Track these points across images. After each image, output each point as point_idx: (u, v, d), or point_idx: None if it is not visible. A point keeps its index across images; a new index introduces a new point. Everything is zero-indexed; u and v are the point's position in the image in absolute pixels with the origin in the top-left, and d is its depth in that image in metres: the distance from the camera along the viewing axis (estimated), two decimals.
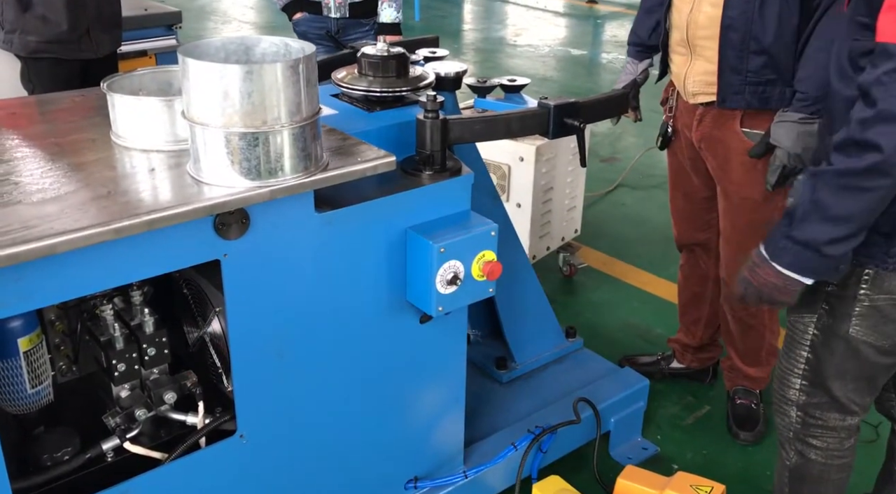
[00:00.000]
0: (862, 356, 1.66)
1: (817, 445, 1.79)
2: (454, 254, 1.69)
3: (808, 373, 1.75)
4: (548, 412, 2.28)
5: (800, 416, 1.79)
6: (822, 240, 1.49)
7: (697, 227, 2.55)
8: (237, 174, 1.42)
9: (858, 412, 1.76)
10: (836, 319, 1.65)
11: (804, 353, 1.74)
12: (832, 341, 1.68)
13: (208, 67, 1.35)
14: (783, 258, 1.54)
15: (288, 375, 1.65)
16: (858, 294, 1.61)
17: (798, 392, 1.78)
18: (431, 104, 1.73)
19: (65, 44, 2.75)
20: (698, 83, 2.21)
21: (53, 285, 1.30)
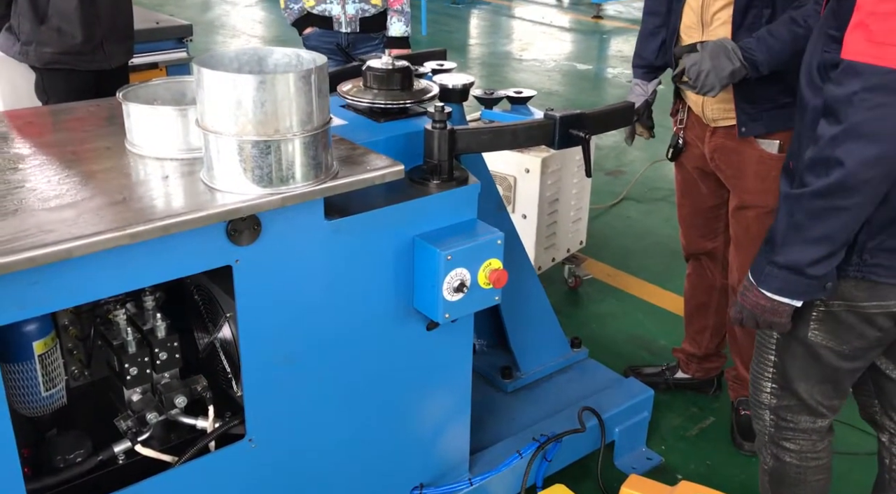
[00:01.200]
0: (823, 360, 1.68)
1: (791, 448, 1.82)
2: (461, 262, 1.72)
3: (776, 377, 1.78)
4: (553, 421, 2.29)
5: (772, 420, 1.82)
6: (804, 262, 1.50)
7: (705, 236, 2.57)
8: (249, 181, 1.45)
9: (827, 414, 1.78)
10: (796, 324, 1.67)
11: (771, 357, 1.77)
12: (793, 345, 1.71)
13: (222, 77, 1.39)
14: (771, 284, 1.56)
15: (296, 380, 1.68)
16: (814, 301, 1.63)
17: (769, 395, 1.81)
18: (440, 114, 1.76)
19: (79, 55, 2.80)
20: (717, 110, 2.24)
21: (69, 288, 1.33)
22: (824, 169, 1.43)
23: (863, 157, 1.39)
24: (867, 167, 1.39)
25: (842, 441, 2.52)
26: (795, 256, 1.51)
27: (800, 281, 1.53)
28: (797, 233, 1.50)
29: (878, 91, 1.35)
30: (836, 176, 1.41)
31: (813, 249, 1.49)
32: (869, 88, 1.35)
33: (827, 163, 1.42)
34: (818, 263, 1.50)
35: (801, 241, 1.49)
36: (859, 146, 1.38)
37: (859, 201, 1.43)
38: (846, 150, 1.39)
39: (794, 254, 1.51)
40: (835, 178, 1.42)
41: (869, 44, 1.35)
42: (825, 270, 1.51)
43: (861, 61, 1.36)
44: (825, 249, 1.49)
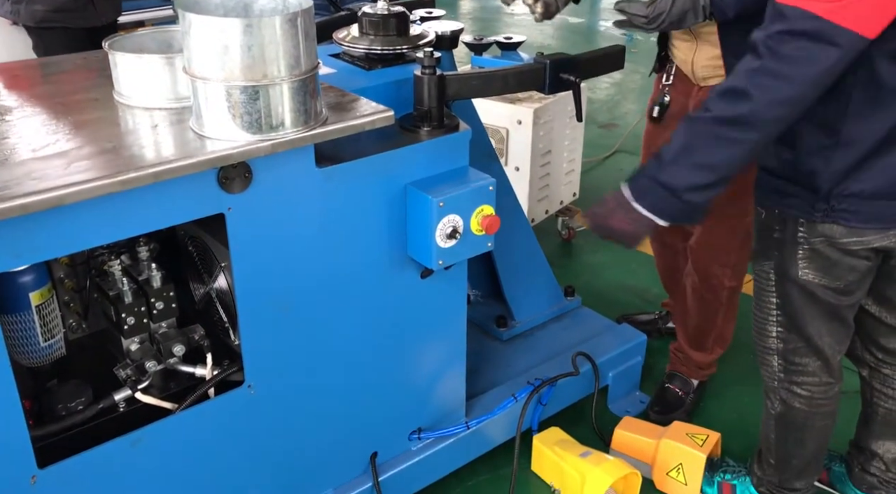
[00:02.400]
0: (819, 298, 1.69)
1: (801, 393, 1.83)
2: (453, 209, 1.72)
3: (781, 318, 1.78)
4: (547, 366, 2.32)
5: (781, 364, 1.83)
6: (683, 186, 1.53)
7: None
8: (239, 128, 1.45)
9: (835, 354, 1.79)
10: (786, 262, 1.69)
11: (773, 299, 1.77)
12: (787, 285, 1.72)
13: (208, 21, 1.38)
14: (645, 198, 1.58)
15: (293, 327, 1.69)
16: (798, 237, 1.65)
17: (776, 339, 1.81)
18: (429, 60, 1.75)
19: (70, 12, 2.78)
20: (707, 68, 2.19)
21: (64, 236, 1.33)
22: (733, 98, 1.46)
23: (772, 96, 1.42)
24: (773, 106, 1.43)
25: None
26: (677, 177, 1.53)
27: (674, 203, 1.55)
28: (685, 156, 1.52)
29: (799, 36, 1.37)
30: (743, 109, 1.44)
31: (695, 174, 1.51)
32: (791, 31, 1.38)
33: (736, 94, 1.45)
34: (696, 190, 1.52)
35: (688, 164, 1.52)
36: (773, 84, 1.41)
37: (754, 138, 1.46)
38: (759, 86, 1.42)
39: (677, 175, 1.53)
40: (740, 111, 1.44)
41: None
42: (700, 199, 1.54)
43: (788, 4, 1.38)
44: (706, 177, 1.51)
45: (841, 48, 1.36)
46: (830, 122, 1.53)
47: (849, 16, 1.34)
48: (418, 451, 2.03)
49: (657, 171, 1.56)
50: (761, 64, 1.42)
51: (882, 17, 1.37)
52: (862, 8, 1.34)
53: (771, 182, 1.68)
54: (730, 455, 2.21)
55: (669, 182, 1.54)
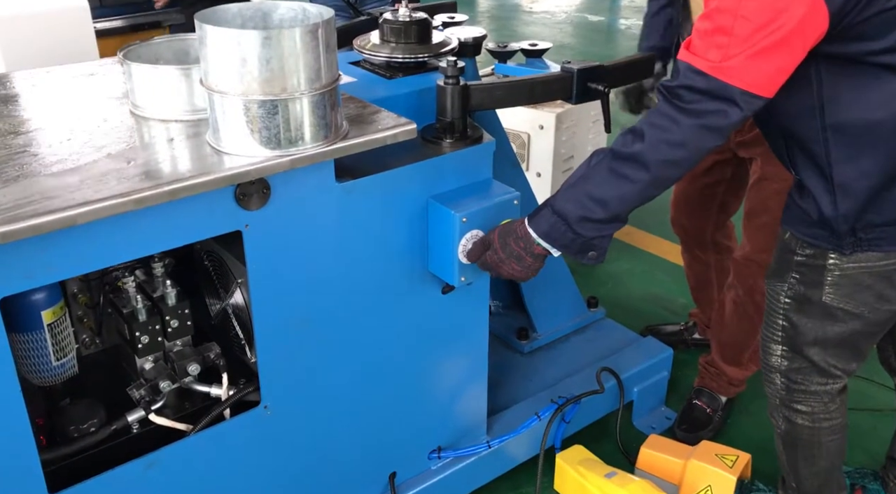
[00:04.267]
0: (840, 322, 1.64)
1: (802, 410, 1.79)
2: (476, 224, 1.67)
3: (785, 339, 1.74)
4: (571, 382, 2.26)
5: (783, 383, 1.79)
6: (574, 216, 1.50)
7: (694, 212, 2.46)
8: (257, 143, 1.40)
9: (840, 376, 1.74)
10: (809, 287, 1.64)
11: (780, 321, 1.74)
12: (806, 308, 1.67)
13: (226, 33, 1.33)
14: (539, 225, 1.55)
15: (311, 346, 1.64)
16: (828, 264, 1.59)
17: (779, 358, 1.77)
18: (452, 70, 1.69)
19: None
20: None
21: (76, 256, 1.29)
22: (631, 136, 1.46)
23: (661, 137, 1.42)
24: (662, 147, 1.43)
25: (868, 397, 2.49)
26: (569, 206, 1.50)
27: (566, 233, 1.52)
28: (581, 185, 1.51)
29: (693, 91, 1.38)
30: (636, 146, 1.44)
31: (587, 205, 1.49)
32: (686, 87, 1.39)
33: (634, 133, 1.45)
34: (586, 222, 1.49)
35: (581, 194, 1.50)
36: (665, 125, 1.42)
37: (645, 178, 1.45)
38: (652, 126, 1.43)
39: (569, 204, 1.51)
40: (634, 148, 1.44)
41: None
42: (592, 233, 1.50)
43: (680, 58, 1.41)
44: (597, 211, 1.48)
45: (735, 106, 1.37)
46: (822, 168, 1.52)
47: (734, 74, 1.35)
48: (438, 470, 1.98)
49: (553, 198, 1.55)
50: (658, 107, 1.43)
51: (773, 78, 1.37)
52: (745, 68, 1.34)
53: (797, 211, 1.62)
54: (760, 477, 2.14)
55: (562, 209, 1.52)
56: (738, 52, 1.33)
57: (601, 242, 1.53)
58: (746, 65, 1.34)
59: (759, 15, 1.32)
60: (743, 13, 1.33)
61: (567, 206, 1.51)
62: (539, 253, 1.58)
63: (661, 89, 1.43)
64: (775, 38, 1.32)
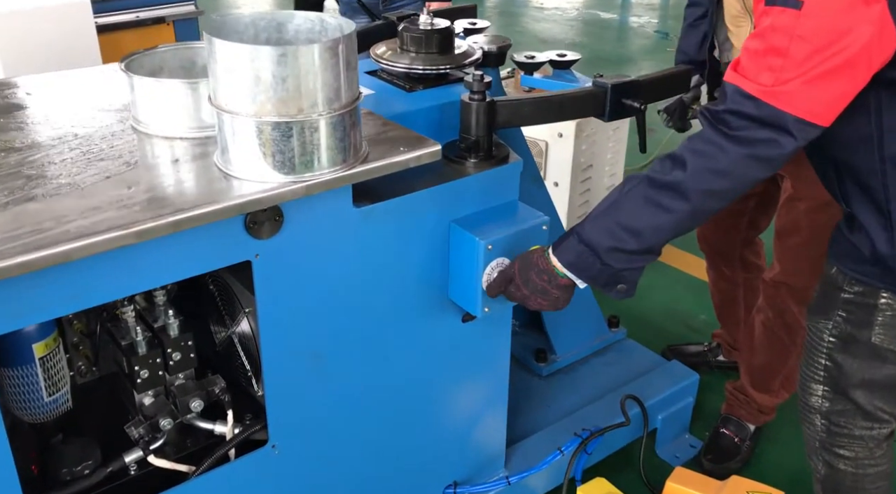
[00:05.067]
0: (889, 364, 1.53)
1: (845, 455, 1.67)
2: (502, 251, 1.55)
3: (828, 380, 1.62)
4: (592, 409, 2.15)
5: (824, 425, 1.67)
6: (603, 246, 1.38)
7: (722, 228, 2.35)
8: (270, 167, 1.28)
9: (889, 420, 1.62)
10: (857, 326, 1.52)
11: (822, 360, 1.62)
12: (853, 348, 1.55)
13: (237, 49, 1.21)
14: (564, 254, 1.43)
15: (323, 380, 1.53)
16: (879, 303, 1.47)
17: (820, 399, 1.65)
18: (478, 85, 1.57)
19: None
20: None
21: (70, 294, 1.17)
22: (669, 163, 1.33)
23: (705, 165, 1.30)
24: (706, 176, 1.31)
25: None
26: (598, 235, 1.38)
27: (593, 264, 1.40)
28: (611, 213, 1.38)
29: (741, 117, 1.27)
30: (676, 174, 1.31)
31: (617, 235, 1.37)
32: (733, 112, 1.27)
33: (673, 160, 1.33)
34: (616, 253, 1.37)
35: (611, 222, 1.37)
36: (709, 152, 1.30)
37: (684, 209, 1.33)
38: (695, 152, 1.31)
39: (598, 233, 1.39)
40: (673, 176, 1.32)
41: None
42: (622, 265, 1.39)
43: (728, 81, 1.29)
44: (629, 242, 1.36)
45: (788, 135, 1.25)
46: (878, 203, 1.40)
47: (789, 100, 1.23)
48: None
49: (581, 226, 1.42)
50: (702, 133, 1.31)
51: (832, 105, 1.25)
52: (802, 94, 1.22)
53: (847, 246, 1.50)
54: None
55: (590, 238, 1.39)
56: (793, 76, 1.21)
57: (631, 275, 1.41)
58: (803, 90, 1.22)
59: (819, 35, 1.20)
60: (800, 33, 1.21)
61: (596, 235, 1.39)
62: (565, 285, 1.47)
63: (706, 113, 1.31)
64: (837, 61, 1.20)
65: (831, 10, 1.18)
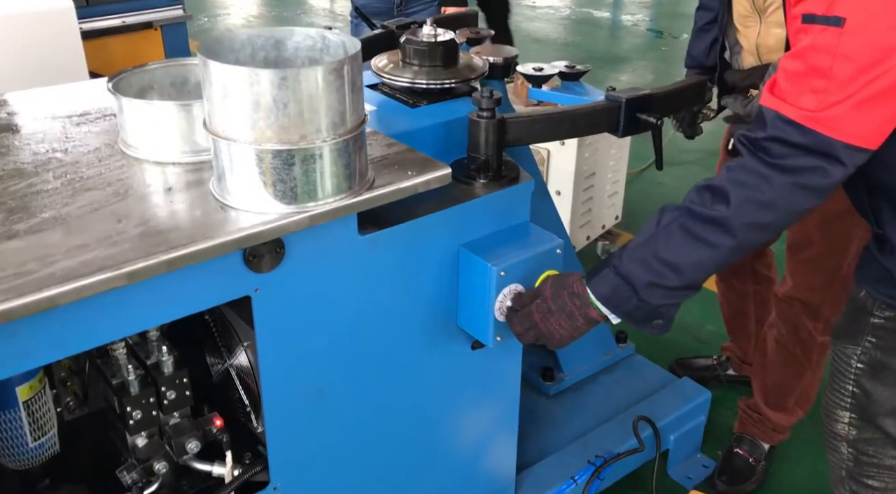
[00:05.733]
0: None
1: (874, 485, 1.58)
2: (515, 277, 1.47)
3: (855, 407, 1.54)
4: (603, 431, 2.08)
5: (851, 453, 1.59)
6: (641, 280, 1.29)
7: None
8: (270, 197, 1.19)
9: None
10: (887, 353, 1.44)
11: (849, 387, 1.53)
12: (883, 375, 1.47)
13: (235, 72, 1.11)
14: (600, 288, 1.34)
15: (326, 417, 1.45)
16: None
17: (847, 426, 1.57)
18: (487, 102, 1.49)
19: None
20: (772, 50, 1.95)
21: (56, 340, 1.08)
22: (710, 196, 1.25)
23: (749, 196, 1.22)
24: (750, 208, 1.22)
25: None
26: (636, 268, 1.29)
27: (630, 299, 1.31)
28: (650, 246, 1.29)
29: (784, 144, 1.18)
30: (719, 209, 1.23)
31: (656, 270, 1.28)
32: (774, 139, 1.19)
33: (714, 192, 1.25)
34: (655, 288, 1.29)
35: (650, 255, 1.28)
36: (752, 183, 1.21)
37: (728, 244, 1.24)
38: (737, 183, 1.22)
39: (636, 266, 1.29)
40: (717, 211, 1.23)
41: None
42: (660, 301, 1.30)
43: (766, 106, 1.20)
44: (668, 278, 1.27)
45: (837, 163, 1.16)
46: None
47: (836, 125, 1.14)
48: None
49: (618, 258, 1.33)
50: (742, 162, 1.22)
51: (882, 128, 1.16)
52: (850, 118, 1.14)
53: (878, 269, 1.42)
54: None
55: (627, 272, 1.31)
56: (839, 99, 1.13)
57: (668, 311, 1.33)
58: (850, 115, 1.13)
59: (864, 54, 1.12)
60: (844, 51, 1.13)
61: (633, 269, 1.30)
62: (593, 318, 1.38)
63: (744, 141, 1.22)
64: (885, 82, 1.12)
65: (876, 26, 1.10)
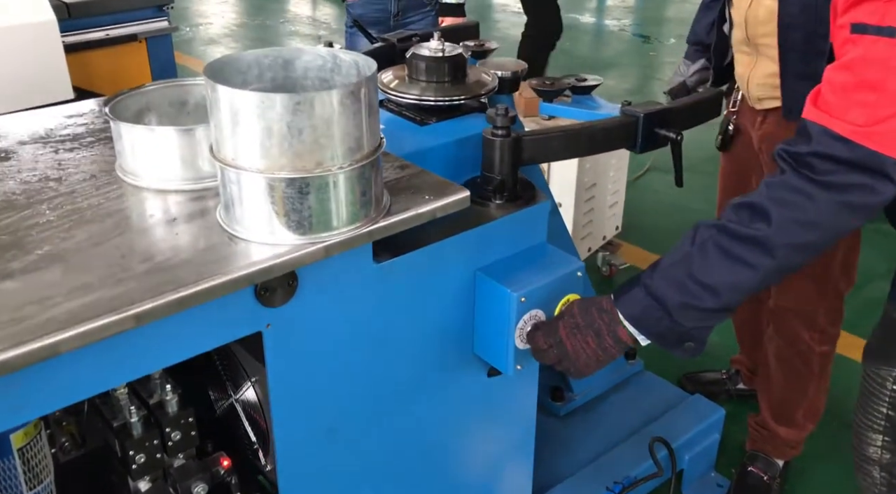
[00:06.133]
0: None
1: None
2: (536, 303, 1.40)
3: (889, 430, 1.51)
4: (618, 454, 2.02)
5: (884, 477, 1.55)
6: (674, 301, 1.22)
7: None
8: (283, 228, 1.12)
9: None
10: None
11: (883, 410, 1.50)
12: None
13: (245, 97, 1.04)
14: (629, 308, 1.28)
15: (340, 451, 1.37)
16: None
17: (880, 450, 1.53)
18: (502, 120, 1.42)
19: None
20: (763, 87, 1.90)
21: (56, 389, 1.00)
22: (750, 214, 1.19)
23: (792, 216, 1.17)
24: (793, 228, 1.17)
25: None
26: (669, 289, 1.23)
27: (661, 320, 1.24)
28: (684, 265, 1.23)
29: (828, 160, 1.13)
30: (759, 227, 1.17)
31: (691, 291, 1.21)
32: (819, 154, 1.14)
33: (754, 210, 1.19)
34: (689, 310, 1.22)
35: (684, 275, 1.22)
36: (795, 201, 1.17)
37: (769, 265, 1.18)
38: (779, 202, 1.17)
39: (669, 286, 1.23)
40: (757, 230, 1.17)
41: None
42: (694, 324, 1.24)
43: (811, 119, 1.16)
44: (704, 299, 1.21)
45: (887, 181, 1.11)
46: None
47: (887, 141, 1.09)
48: None
49: (649, 276, 1.27)
50: (784, 179, 1.17)
51: None
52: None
53: None
54: None
55: (660, 292, 1.24)
56: (891, 114, 1.08)
57: (701, 333, 1.26)
58: None
59: None
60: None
61: (666, 289, 1.24)
62: (621, 339, 1.32)
63: (785, 156, 1.17)
64: None
65: None
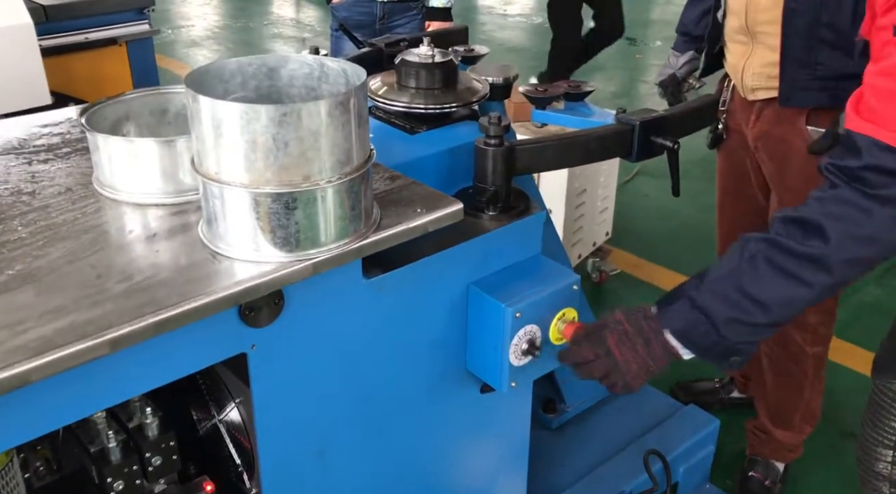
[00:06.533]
0: None
1: None
2: (531, 318, 1.36)
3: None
4: (612, 467, 1.97)
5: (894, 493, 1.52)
6: (722, 315, 1.18)
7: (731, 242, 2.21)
8: (269, 244, 1.07)
9: None
10: None
11: (894, 425, 1.46)
12: None
13: (228, 108, 0.99)
14: (673, 321, 1.23)
15: (328, 472, 1.32)
16: None
17: (889, 465, 1.50)
18: (495, 129, 1.37)
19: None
20: (758, 76, 1.88)
21: (27, 419, 0.94)
22: (804, 231, 1.14)
23: (849, 230, 1.12)
24: (850, 243, 1.12)
25: None
26: (716, 302, 1.19)
27: (708, 334, 1.20)
28: (734, 278, 1.18)
29: (883, 173, 1.08)
30: (815, 245, 1.12)
31: (741, 305, 1.17)
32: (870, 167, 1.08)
33: (807, 226, 1.14)
34: (737, 325, 1.18)
35: (732, 289, 1.18)
36: (851, 216, 1.11)
37: (825, 282, 1.14)
38: (834, 217, 1.12)
39: (716, 300, 1.19)
40: (813, 248, 1.13)
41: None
42: (741, 338, 1.20)
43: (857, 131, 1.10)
44: (754, 314, 1.17)
45: None
46: None
47: None
48: None
49: (695, 289, 1.22)
50: (838, 193, 1.12)
51: None
52: None
53: None
54: None
55: (707, 305, 1.20)
56: None
57: (747, 347, 1.22)
58: None
59: None
60: None
61: (713, 303, 1.19)
62: (669, 350, 1.25)
63: (835, 171, 1.12)
64: None
65: None
